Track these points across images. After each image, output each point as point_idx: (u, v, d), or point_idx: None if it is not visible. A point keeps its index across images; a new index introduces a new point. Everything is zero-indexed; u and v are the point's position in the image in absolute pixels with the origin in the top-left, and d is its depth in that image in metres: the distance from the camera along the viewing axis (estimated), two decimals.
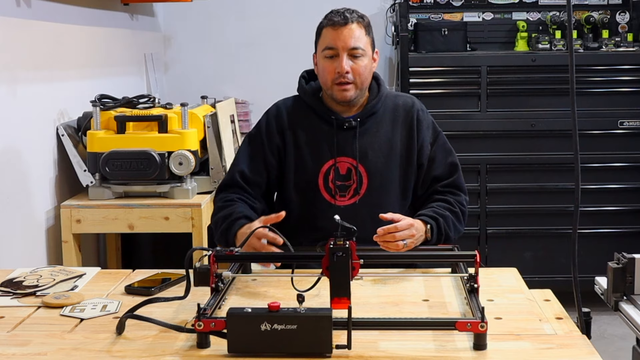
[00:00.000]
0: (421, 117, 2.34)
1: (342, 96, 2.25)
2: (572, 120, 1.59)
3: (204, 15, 4.55)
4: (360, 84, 2.26)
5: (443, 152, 2.34)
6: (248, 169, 2.31)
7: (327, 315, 1.45)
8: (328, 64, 2.25)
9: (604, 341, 3.58)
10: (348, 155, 2.28)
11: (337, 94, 2.26)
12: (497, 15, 4.44)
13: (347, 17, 2.23)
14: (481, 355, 1.48)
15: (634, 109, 4.04)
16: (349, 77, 2.23)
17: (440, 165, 2.32)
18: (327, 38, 2.25)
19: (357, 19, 2.25)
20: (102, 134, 2.90)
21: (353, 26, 2.23)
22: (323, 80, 2.28)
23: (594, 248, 3.77)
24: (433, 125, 2.36)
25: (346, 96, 2.25)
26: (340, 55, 2.23)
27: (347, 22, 2.23)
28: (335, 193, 2.27)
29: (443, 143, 2.35)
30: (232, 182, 2.32)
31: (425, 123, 2.34)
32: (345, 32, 2.22)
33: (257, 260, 2.10)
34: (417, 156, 2.31)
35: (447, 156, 2.34)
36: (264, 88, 4.37)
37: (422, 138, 2.32)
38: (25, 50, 2.77)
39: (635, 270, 1.65)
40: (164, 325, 1.59)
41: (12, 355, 1.51)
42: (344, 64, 2.22)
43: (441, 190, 2.30)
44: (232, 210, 2.20)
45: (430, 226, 2.15)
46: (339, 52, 2.23)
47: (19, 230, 2.71)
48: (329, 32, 2.25)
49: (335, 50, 2.23)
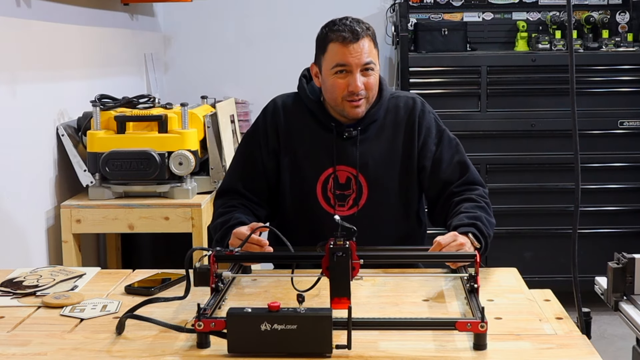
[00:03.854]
0: (422, 118, 2.25)
1: (354, 113, 2.17)
2: (572, 120, 1.59)
3: (204, 15, 4.55)
4: (371, 97, 2.19)
5: (449, 152, 2.25)
6: (247, 174, 2.25)
7: (327, 315, 1.45)
8: (339, 81, 2.14)
9: (604, 341, 3.59)
10: (348, 164, 2.21)
11: (349, 111, 2.17)
12: (497, 15, 4.44)
13: (357, 32, 2.12)
14: (481, 355, 1.48)
15: (634, 109, 4.04)
16: (362, 94, 2.15)
17: (449, 167, 2.23)
18: (337, 54, 2.13)
19: (366, 32, 2.15)
20: (102, 134, 2.90)
21: (364, 41, 2.13)
22: (332, 96, 2.17)
23: (594, 248, 3.76)
24: (436, 124, 2.27)
25: (358, 113, 2.18)
26: (353, 72, 2.13)
27: (358, 37, 2.13)
28: (334, 203, 2.21)
29: (448, 142, 2.26)
30: (230, 188, 2.26)
31: (426, 124, 2.25)
32: (357, 48, 2.12)
33: (257, 261, 2.10)
34: (418, 159, 2.24)
35: (454, 155, 2.25)
36: (264, 88, 4.34)
37: (423, 139, 2.24)
38: (25, 50, 2.77)
39: (635, 270, 1.65)
40: (164, 325, 1.58)
41: (12, 355, 1.51)
42: (359, 82, 2.13)
43: (457, 191, 2.20)
44: (230, 216, 2.14)
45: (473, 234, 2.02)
46: (352, 69, 2.13)
47: (19, 230, 2.71)
48: (338, 48, 2.13)
49: (347, 67, 2.13)
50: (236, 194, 2.25)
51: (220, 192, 2.30)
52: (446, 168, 2.23)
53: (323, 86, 2.21)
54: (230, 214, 2.16)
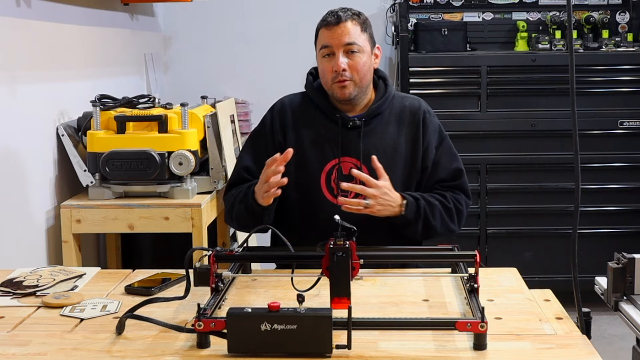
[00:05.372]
0: (428, 119, 2.33)
1: (341, 93, 2.26)
2: (572, 120, 1.59)
3: (204, 15, 4.55)
4: (359, 80, 2.26)
5: (448, 157, 2.34)
6: (254, 165, 2.32)
7: (327, 315, 1.45)
8: (325, 64, 2.27)
9: (604, 341, 3.59)
10: (352, 156, 2.28)
11: (337, 91, 2.26)
12: (497, 15, 4.44)
13: (340, 16, 2.25)
14: (481, 355, 1.48)
15: (634, 109, 4.04)
16: (346, 75, 2.23)
17: (445, 170, 2.32)
18: (322, 38, 2.28)
19: (352, 17, 2.26)
20: (102, 134, 2.89)
21: (347, 24, 2.24)
22: (324, 81, 2.29)
23: (594, 248, 3.77)
24: (439, 129, 2.36)
25: (345, 93, 2.25)
26: (336, 53, 2.24)
27: (339, 20, 2.24)
28: (337, 193, 2.26)
29: (448, 148, 2.35)
30: (239, 179, 2.34)
31: (432, 126, 2.33)
32: (339, 30, 2.24)
33: (257, 261, 2.10)
34: (422, 159, 2.31)
35: (452, 161, 2.34)
36: (264, 88, 4.37)
37: (427, 141, 2.31)
38: (25, 50, 2.77)
39: (635, 270, 1.66)
40: (164, 325, 1.58)
41: (12, 355, 1.51)
42: (340, 62, 2.22)
43: (441, 188, 2.31)
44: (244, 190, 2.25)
45: (407, 201, 2.17)
46: (334, 50, 2.24)
47: (19, 230, 2.71)
48: (324, 32, 2.28)
49: (330, 48, 2.25)
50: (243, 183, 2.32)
51: (229, 186, 2.38)
52: (442, 171, 2.32)
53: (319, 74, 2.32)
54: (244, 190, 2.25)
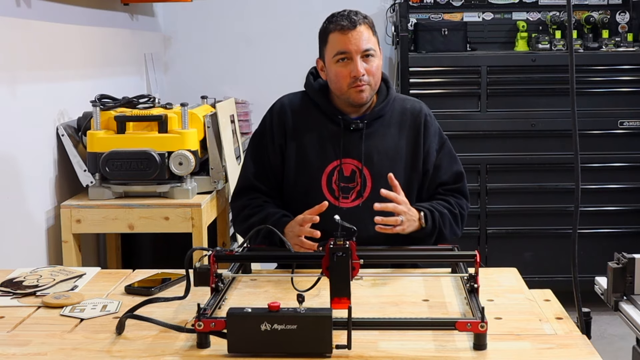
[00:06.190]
0: (429, 122, 2.33)
1: (359, 98, 2.24)
2: (572, 120, 1.59)
3: (204, 15, 4.55)
4: (374, 84, 2.26)
5: (449, 160, 2.34)
6: (260, 172, 2.32)
7: (327, 315, 1.45)
8: (341, 69, 2.23)
9: (604, 341, 3.59)
10: (353, 157, 2.27)
11: (354, 96, 2.23)
12: (497, 15, 4.44)
13: (354, 20, 2.22)
14: (481, 355, 1.48)
15: (634, 109, 4.04)
16: (364, 79, 2.22)
17: (446, 173, 2.33)
18: (338, 43, 2.22)
19: (364, 21, 2.24)
20: (102, 134, 2.89)
21: (361, 28, 2.22)
22: (337, 85, 2.25)
23: (594, 248, 3.77)
24: (440, 132, 2.36)
25: (363, 97, 2.24)
26: (354, 58, 2.21)
27: (355, 25, 2.21)
28: (338, 195, 2.26)
29: (449, 151, 2.36)
30: (248, 186, 2.33)
31: (433, 129, 2.34)
32: (355, 35, 2.21)
33: (257, 261, 2.10)
34: (423, 162, 2.31)
35: (453, 164, 2.35)
36: (264, 88, 4.36)
37: (428, 144, 2.32)
38: (25, 50, 2.77)
39: (635, 270, 1.65)
40: (164, 325, 1.58)
41: (12, 355, 1.51)
42: (360, 68, 2.20)
43: (444, 193, 2.32)
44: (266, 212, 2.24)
45: (424, 214, 2.17)
46: (352, 55, 2.21)
47: (19, 230, 2.71)
48: (338, 37, 2.22)
49: (348, 54, 2.21)
50: (253, 191, 2.32)
51: (237, 193, 2.36)
52: (443, 174, 2.33)
53: (328, 78, 2.29)
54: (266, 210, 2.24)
